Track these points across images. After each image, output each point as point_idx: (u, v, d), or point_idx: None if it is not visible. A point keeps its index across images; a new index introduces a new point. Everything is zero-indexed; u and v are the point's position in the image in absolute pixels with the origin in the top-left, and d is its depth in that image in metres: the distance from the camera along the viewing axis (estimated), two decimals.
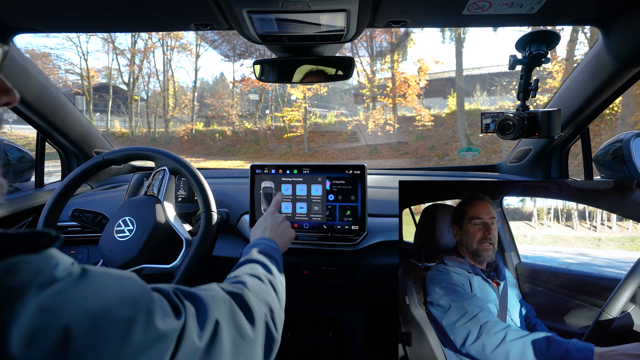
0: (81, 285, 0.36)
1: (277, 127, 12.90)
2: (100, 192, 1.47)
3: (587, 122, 1.20)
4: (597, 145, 1.27)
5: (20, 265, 0.32)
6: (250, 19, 0.87)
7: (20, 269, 0.32)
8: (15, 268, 0.32)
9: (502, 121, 0.94)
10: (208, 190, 1.05)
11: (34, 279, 0.32)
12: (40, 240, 0.35)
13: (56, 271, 0.35)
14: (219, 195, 1.23)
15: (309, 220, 1.14)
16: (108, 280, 0.39)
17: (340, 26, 0.91)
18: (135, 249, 0.97)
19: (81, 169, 1.07)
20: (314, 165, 1.14)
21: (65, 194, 1.06)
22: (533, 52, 0.88)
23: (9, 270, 0.32)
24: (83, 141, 1.47)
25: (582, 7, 0.88)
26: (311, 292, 1.30)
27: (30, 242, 0.34)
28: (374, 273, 1.13)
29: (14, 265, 0.32)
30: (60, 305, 0.33)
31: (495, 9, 0.85)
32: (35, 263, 0.33)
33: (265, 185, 1.16)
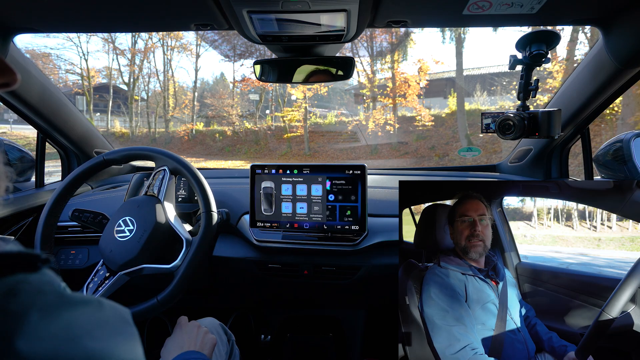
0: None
1: (277, 127, 12.90)
2: (101, 192, 1.47)
3: (587, 122, 1.20)
4: (597, 145, 1.27)
5: (21, 285, 0.30)
6: (250, 19, 0.87)
7: (21, 289, 0.30)
8: (16, 289, 0.29)
9: (502, 121, 0.94)
10: (208, 190, 1.05)
11: (35, 301, 0.30)
12: (37, 259, 0.33)
13: (61, 291, 0.32)
14: (219, 195, 1.24)
15: (309, 221, 1.14)
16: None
17: (341, 26, 0.91)
18: (136, 249, 0.97)
19: (81, 169, 1.07)
20: (314, 165, 1.14)
21: (65, 194, 1.07)
22: (533, 52, 0.88)
23: (9, 292, 0.29)
24: (83, 141, 1.47)
25: (582, 7, 0.88)
26: (311, 292, 1.30)
27: (27, 260, 0.32)
28: (374, 273, 1.13)
29: (15, 285, 0.30)
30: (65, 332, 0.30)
31: (496, 9, 0.85)
32: (36, 283, 0.31)
33: (265, 185, 1.16)
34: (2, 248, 0.31)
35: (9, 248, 0.31)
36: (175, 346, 0.83)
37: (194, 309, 1.50)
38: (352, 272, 1.14)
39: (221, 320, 1.09)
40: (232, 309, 1.59)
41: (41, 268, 0.33)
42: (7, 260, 0.30)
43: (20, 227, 1.25)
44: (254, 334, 1.57)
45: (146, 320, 1.56)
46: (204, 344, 0.85)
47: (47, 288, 0.31)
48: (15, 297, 0.29)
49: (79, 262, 1.23)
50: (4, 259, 0.30)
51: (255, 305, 1.55)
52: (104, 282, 0.99)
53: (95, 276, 1.00)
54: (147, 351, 1.29)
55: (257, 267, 1.18)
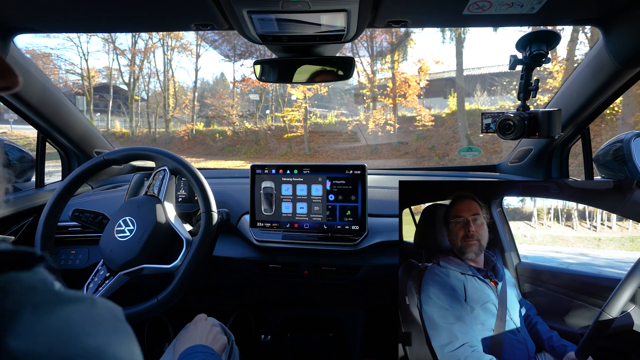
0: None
1: (277, 127, 12.90)
2: (101, 192, 1.47)
3: (587, 122, 1.20)
4: (597, 145, 1.27)
5: (12, 284, 0.30)
6: (250, 19, 0.87)
7: (12, 288, 0.29)
8: (7, 287, 0.29)
9: (502, 121, 0.94)
10: (208, 190, 1.05)
11: (27, 299, 0.30)
12: (30, 257, 0.32)
13: (54, 289, 0.32)
14: (219, 196, 1.24)
15: (309, 221, 1.14)
16: None
17: (341, 26, 0.91)
18: (136, 249, 0.97)
19: (82, 169, 1.07)
20: (314, 165, 1.14)
21: (65, 194, 1.07)
22: (533, 52, 0.88)
23: (0, 290, 0.29)
24: (83, 141, 1.47)
25: (582, 7, 0.88)
26: (311, 292, 1.30)
27: (20, 258, 0.32)
28: (374, 273, 1.13)
29: (5, 283, 0.29)
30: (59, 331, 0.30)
31: (496, 9, 0.85)
32: (28, 281, 0.31)
33: (265, 185, 1.15)
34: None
35: (2, 247, 0.31)
36: (188, 339, 0.87)
37: (194, 309, 1.50)
38: (352, 272, 1.14)
39: (221, 320, 1.09)
40: (232, 309, 1.59)
41: (34, 266, 0.32)
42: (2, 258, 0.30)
43: (20, 227, 1.25)
44: (254, 334, 1.57)
45: (146, 320, 1.56)
46: (215, 341, 0.88)
47: (40, 286, 0.31)
48: (7, 295, 0.29)
49: (79, 262, 1.23)
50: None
51: (255, 305, 1.55)
52: (104, 282, 0.99)
53: (96, 276, 1.00)
54: (148, 351, 1.30)
55: (257, 267, 1.18)
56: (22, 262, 0.32)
